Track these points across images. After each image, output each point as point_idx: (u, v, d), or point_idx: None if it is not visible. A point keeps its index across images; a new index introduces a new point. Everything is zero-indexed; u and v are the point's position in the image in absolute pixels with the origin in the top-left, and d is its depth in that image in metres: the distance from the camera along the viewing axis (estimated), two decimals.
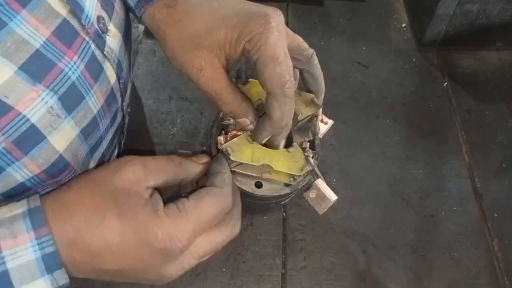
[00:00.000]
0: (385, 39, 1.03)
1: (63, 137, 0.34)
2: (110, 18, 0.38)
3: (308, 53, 0.39)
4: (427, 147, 0.84)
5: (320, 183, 0.44)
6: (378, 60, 0.98)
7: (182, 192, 0.36)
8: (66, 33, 0.32)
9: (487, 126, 0.88)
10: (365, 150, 0.83)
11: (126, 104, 0.46)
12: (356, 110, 0.89)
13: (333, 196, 0.44)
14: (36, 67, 0.30)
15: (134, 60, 0.99)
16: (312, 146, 0.43)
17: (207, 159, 0.36)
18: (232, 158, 0.38)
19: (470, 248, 0.72)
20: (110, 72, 0.38)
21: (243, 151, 0.39)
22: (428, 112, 0.90)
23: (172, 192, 0.34)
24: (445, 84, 0.95)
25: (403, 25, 1.07)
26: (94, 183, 0.30)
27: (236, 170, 0.40)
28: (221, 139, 0.40)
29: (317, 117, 0.44)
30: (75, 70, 0.33)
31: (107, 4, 0.38)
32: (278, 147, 0.40)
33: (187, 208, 0.30)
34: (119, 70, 0.40)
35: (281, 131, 0.38)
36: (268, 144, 0.40)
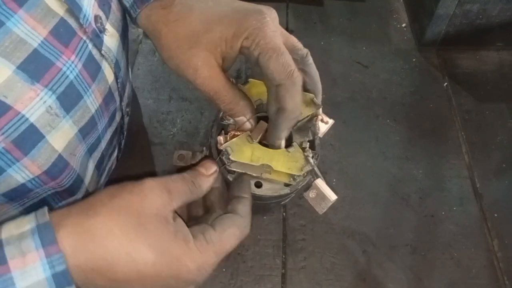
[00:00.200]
0: (385, 39, 1.03)
1: (61, 136, 0.34)
2: (107, 17, 0.38)
3: (303, 52, 0.39)
4: (427, 147, 0.84)
5: (320, 183, 0.43)
6: (378, 60, 0.98)
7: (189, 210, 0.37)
8: (64, 32, 0.32)
9: (487, 126, 0.88)
10: (365, 150, 0.83)
11: (125, 104, 0.46)
12: (356, 110, 0.89)
13: (333, 196, 0.44)
14: (34, 67, 0.30)
15: (134, 60, 0.99)
16: (312, 146, 0.43)
17: (215, 168, 0.36)
18: (232, 158, 0.38)
19: (470, 248, 0.72)
20: (108, 72, 0.38)
21: (243, 151, 0.39)
22: (428, 112, 0.90)
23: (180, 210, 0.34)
24: (445, 84, 0.95)
25: (403, 25, 1.06)
26: (123, 210, 0.30)
27: (236, 170, 0.40)
28: (221, 139, 0.40)
29: (317, 116, 0.44)
30: (73, 69, 0.33)
31: (104, 3, 0.38)
32: (280, 147, 0.40)
33: (214, 240, 0.32)
34: (117, 70, 0.40)
35: (294, 122, 0.38)
36: (268, 144, 0.40)
